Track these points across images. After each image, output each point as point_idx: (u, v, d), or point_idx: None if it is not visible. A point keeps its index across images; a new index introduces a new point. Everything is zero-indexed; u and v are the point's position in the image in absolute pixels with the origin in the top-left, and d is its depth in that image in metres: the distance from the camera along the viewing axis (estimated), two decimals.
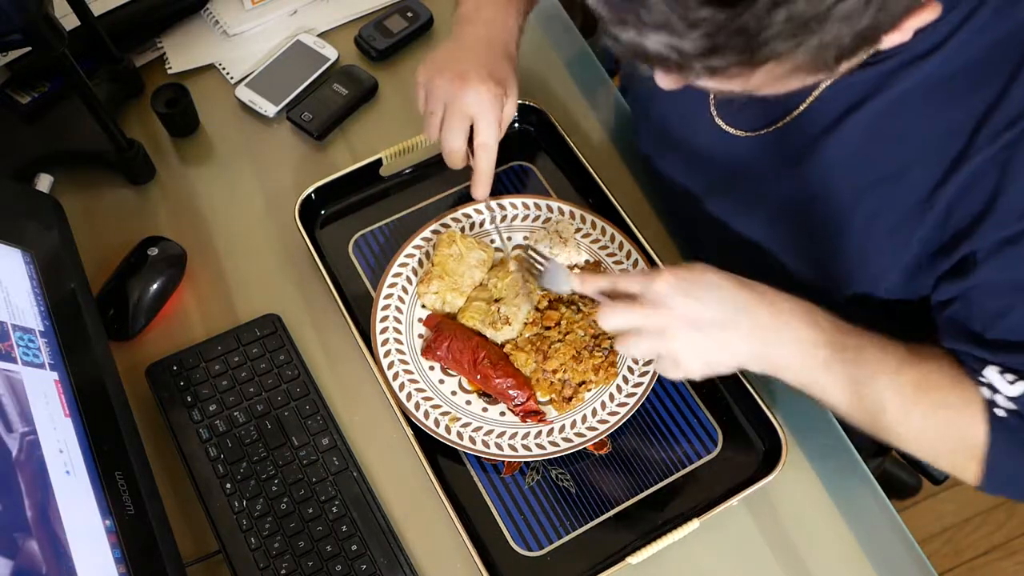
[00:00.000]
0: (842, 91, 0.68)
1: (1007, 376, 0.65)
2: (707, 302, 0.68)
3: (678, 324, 0.67)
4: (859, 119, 0.68)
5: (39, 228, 0.79)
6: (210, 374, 0.82)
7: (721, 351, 0.69)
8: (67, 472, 0.65)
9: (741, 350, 0.69)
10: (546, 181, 0.95)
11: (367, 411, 0.83)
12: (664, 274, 0.68)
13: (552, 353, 0.81)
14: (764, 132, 0.76)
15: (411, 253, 0.87)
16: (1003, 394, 0.66)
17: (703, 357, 0.68)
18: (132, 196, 0.96)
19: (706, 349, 0.68)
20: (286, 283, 0.90)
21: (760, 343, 0.68)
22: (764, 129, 0.76)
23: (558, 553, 0.76)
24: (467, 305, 0.84)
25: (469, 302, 0.84)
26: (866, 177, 0.69)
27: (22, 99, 0.97)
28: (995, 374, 0.66)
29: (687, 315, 0.67)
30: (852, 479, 0.80)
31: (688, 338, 0.68)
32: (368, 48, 1.04)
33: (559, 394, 0.80)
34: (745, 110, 0.76)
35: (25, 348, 0.68)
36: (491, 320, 0.82)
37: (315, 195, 0.91)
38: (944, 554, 1.58)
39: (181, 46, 1.05)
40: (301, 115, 0.99)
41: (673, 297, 0.67)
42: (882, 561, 0.76)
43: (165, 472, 0.79)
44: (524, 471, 0.79)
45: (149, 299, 0.86)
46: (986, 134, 0.62)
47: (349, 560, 0.74)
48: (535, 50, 1.06)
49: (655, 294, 0.68)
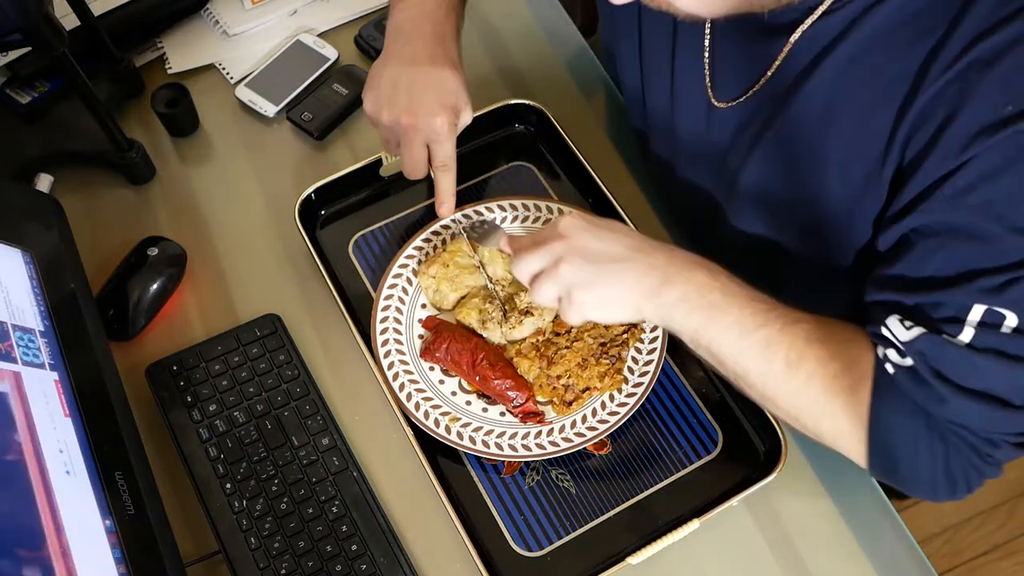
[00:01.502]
0: (810, 41, 0.68)
1: (906, 323, 0.63)
2: (604, 238, 0.71)
3: (571, 253, 0.70)
4: (826, 68, 0.67)
5: (39, 228, 0.79)
6: (210, 374, 0.82)
7: (611, 284, 0.70)
8: (67, 472, 0.65)
9: (632, 285, 0.69)
10: (546, 181, 0.95)
11: (367, 411, 0.83)
12: (570, 213, 0.73)
13: (558, 359, 0.80)
14: (744, 99, 0.75)
15: (411, 254, 0.87)
16: (898, 342, 0.62)
17: (594, 290, 0.70)
18: (132, 196, 0.96)
19: (597, 281, 0.70)
20: (286, 283, 0.90)
21: (652, 280, 0.69)
22: (743, 96, 0.75)
23: (558, 553, 0.76)
24: (465, 302, 0.84)
25: (468, 299, 0.84)
26: (838, 125, 0.68)
27: (22, 99, 0.97)
28: (895, 322, 0.63)
29: (582, 245, 0.70)
30: (852, 479, 0.80)
31: (579, 268, 0.70)
32: (368, 48, 1.04)
33: (560, 398, 0.80)
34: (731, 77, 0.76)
35: (25, 348, 0.68)
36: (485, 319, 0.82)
37: (315, 195, 0.91)
38: (944, 554, 1.58)
39: (181, 46, 1.05)
40: (301, 115, 0.99)
41: (572, 230, 0.71)
42: (882, 561, 0.76)
43: (165, 472, 0.79)
44: (524, 471, 0.79)
45: (149, 299, 0.86)
46: (933, 73, 0.61)
47: (349, 560, 0.74)
48: (535, 50, 1.06)
49: (558, 229, 0.72)
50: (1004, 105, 0.58)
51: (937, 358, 0.61)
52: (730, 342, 0.68)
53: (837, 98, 0.67)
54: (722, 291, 0.69)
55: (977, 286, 0.59)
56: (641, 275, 0.70)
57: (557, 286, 0.71)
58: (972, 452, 0.64)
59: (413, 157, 0.84)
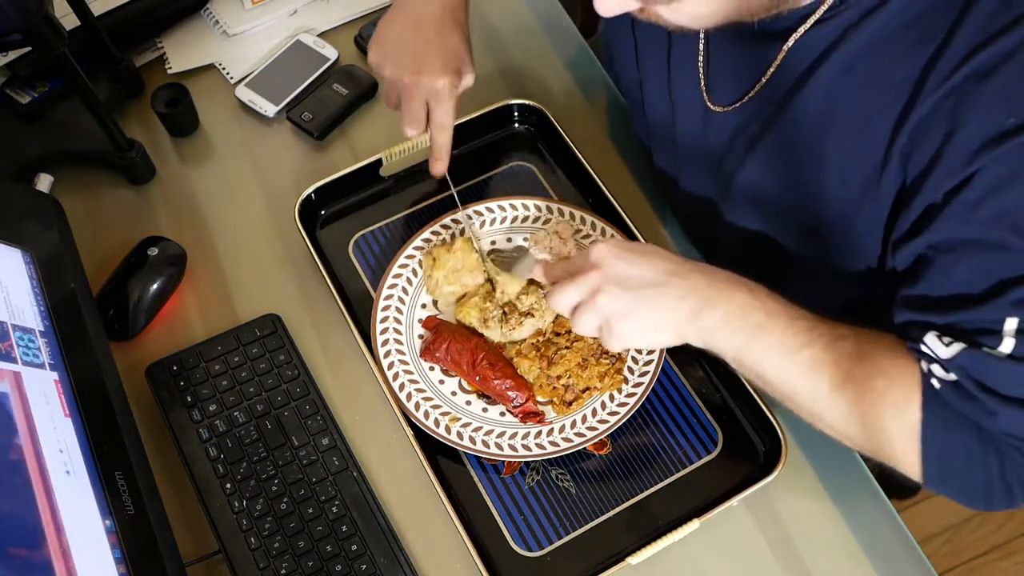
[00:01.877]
0: (806, 48, 0.68)
1: (944, 339, 0.62)
2: (640, 265, 0.70)
3: (608, 283, 0.69)
4: (822, 75, 0.67)
5: (39, 228, 0.79)
6: (210, 374, 0.82)
7: (651, 311, 0.69)
8: (67, 472, 0.65)
9: (672, 310, 0.68)
10: (545, 181, 0.95)
11: (367, 411, 0.83)
12: (602, 241, 0.71)
13: (558, 359, 0.80)
14: (741, 103, 0.75)
15: (411, 254, 0.87)
16: (940, 359, 0.63)
17: (634, 319, 0.69)
18: (132, 196, 0.96)
19: (636, 309, 0.69)
20: (286, 283, 0.90)
21: (692, 304, 0.68)
22: (739, 101, 0.75)
23: (558, 553, 0.76)
24: (465, 301, 0.84)
25: (468, 298, 0.84)
26: (835, 130, 0.68)
27: (22, 99, 0.97)
28: (934, 339, 0.63)
29: (618, 273, 0.69)
30: (852, 479, 0.80)
31: (617, 297, 0.69)
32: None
33: (560, 398, 0.80)
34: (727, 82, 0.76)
35: (25, 348, 0.68)
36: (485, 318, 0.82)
37: (315, 195, 0.91)
38: (944, 554, 1.58)
39: (181, 46, 1.05)
40: (301, 115, 0.99)
41: (606, 259, 0.70)
42: (882, 561, 0.76)
43: (165, 472, 0.79)
44: (524, 471, 0.79)
45: (149, 299, 0.86)
46: (932, 81, 0.61)
47: (349, 560, 0.74)
48: (535, 50, 1.06)
49: (591, 259, 0.71)
50: (1006, 118, 0.58)
51: (980, 372, 0.61)
52: (774, 363, 0.67)
53: (834, 104, 0.68)
54: (764, 311, 0.67)
55: (1008, 299, 0.60)
56: (679, 299, 0.68)
57: (596, 317, 0.70)
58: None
59: (412, 113, 0.83)
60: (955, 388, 0.62)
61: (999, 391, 0.61)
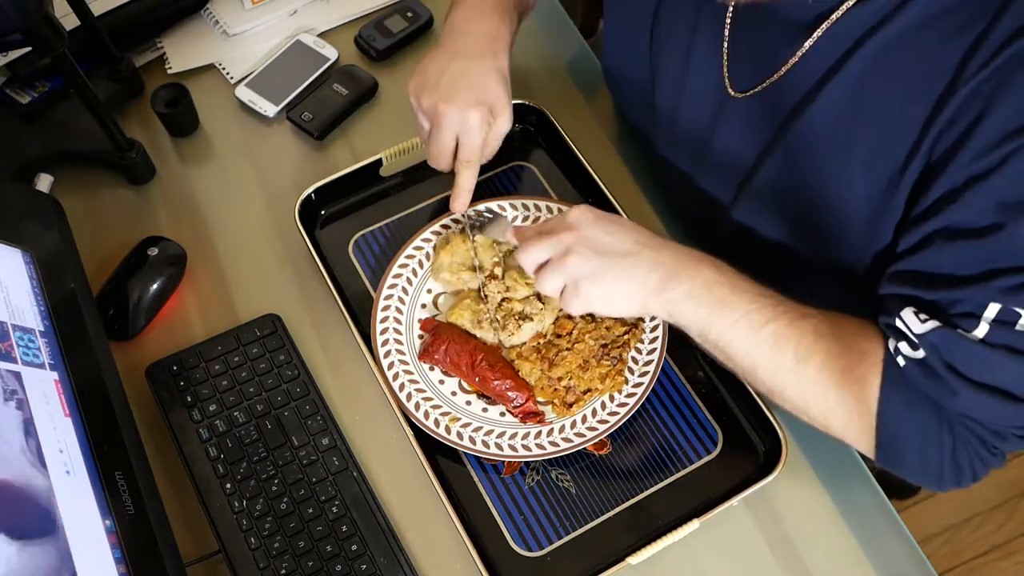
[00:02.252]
0: (837, 35, 0.67)
1: (920, 315, 0.63)
2: (614, 233, 0.72)
3: (580, 244, 0.71)
4: (854, 63, 0.67)
5: (39, 228, 0.79)
6: (210, 374, 0.82)
7: (618, 278, 0.70)
8: (67, 472, 0.65)
9: (638, 280, 0.70)
10: (546, 181, 0.95)
11: (367, 411, 0.83)
12: (579, 206, 0.73)
13: (559, 361, 0.80)
14: (760, 89, 0.75)
15: (411, 254, 0.87)
16: (912, 334, 0.63)
17: (601, 283, 0.70)
18: (132, 196, 0.96)
19: (604, 274, 0.70)
20: (286, 283, 0.90)
21: (659, 276, 0.70)
22: (759, 86, 0.75)
23: (558, 553, 0.76)
24: (458, 302, 0.84)
25: (460, 300, 0.84)
26: (866, 121, 0.68)
27: (22, 99, 0.97)
28: (910, 314, 0.64)
29: (591, 237, 0.71)
30: (852, 479, 0.80)
31: (589, 260, 0.70)
32: (368, 48, 1.04)
33: (561, 400, 0.80)
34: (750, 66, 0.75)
35: (25, 348, 0.68)
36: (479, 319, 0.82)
37: (315, 195, 0.91)
38: (944, 554, 1.58)
39: (181, 46, 1.05)
40: (301, 115, 0.99)
41: (582, 222, 0.72)
42: (882, 561, 0.76)
43: (165, 472, 0.79)
44: (524, 471, 0.79)
45: (149, 299, 0.86)
46: (971, 68, 0.61)
47: (349, 560, 0.74)
48: (535, 50, 1.06)
49: (567, 220, 0.73)
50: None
51: (951, 351, 0.62)
52: (739, 337, 0.69)
53: (864, 94, 0.67)
54: (730, 287, 0.69)
55: (996, 285, 0.60)
56: (648, 271, 0.70)
57: (563, 276, 0.72)
58: (979, 443, 0.65)
59: (440, 145, 0.84)
60: (920, 365, 0.63)
61: (965, 373, 0.62)
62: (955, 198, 0.63)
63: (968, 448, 0.65)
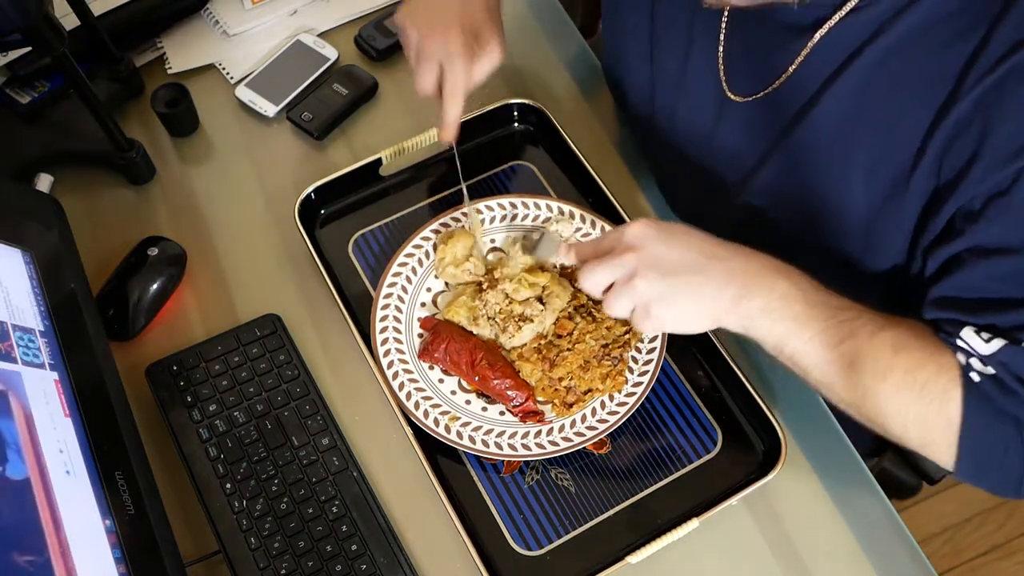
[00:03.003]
0: (836, 41, 0.67)
1: (983, 335, 0.63)
2: (677, 247, 0.68)
3: (646, 267, 0.67)
4: (854, 70, 0.67)
5: (39, 228, 0.79)
6: (210, 374, 0.82)
7: (689, 297, 0.68)
8: (67, 472, 0.65)
9: (710, 297, 0.67)
10: (546, 181, 0.95)
11: (367, 411, 0.83)
12: (638, 221, 0.69)
13: (560, 361, 0.80)
14: (762, 95, 0.75)
15: (411, 253, 0.87)
16: (979, 355, 0.63)
17: (672, 305, 0.68)
18: (132, 196, 0.96)
19: (674, 295, 0.67)
20: (286, 283, 0.90)
21: (732, 291, 0.67)
22: (761, 92, 0.75)
23: (558, 552, 0.76)
24: (454, 299, 0.84)
25: (455, 297, 0.84)
26: (866, 128, 0.68)
27: (22, 99, 0.97)
28: (971, 334, 0.63)
29: (656, 256, 0.68)
30: (852, 479, 0.80)
31: (656, 282, 0.67)
32: (368, 48, 1.04)
33: (562, 400, 0.80)
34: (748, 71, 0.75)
35: (25, 348, 0.68)
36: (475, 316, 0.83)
37: (315, 195, 0.91)
38: (944, 554, 1.58)
39: (181, 46, 1.05)
40: (301, 115, 0.99)
41: (643, 240, 0.68)
42: (882, 561, 0.76)
43: (165, 472, 0.79)
44: (524, 470, 0.79)
45: (149, 299, 0.86)
46: (972, 77, 0.60)
47: (349, 560, 0.75)
48: (535, 50, 1.06)
49: (627, 239, 0.69)
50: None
51: (1021, 367, 0.62)
52: (815, 354, 0.67)
53: (865, 101, 0.67)
54: (804, 301, 0.67)
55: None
56: (720, 286, 0.67)
57: (632, 300, 0.69)
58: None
59: (423, 74, 0.83)
60: (994, 382, 0.63)
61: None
62: (977, 217, 0.62)
63: None
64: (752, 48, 0.74)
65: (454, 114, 0.84)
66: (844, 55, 0.67)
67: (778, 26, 0.70)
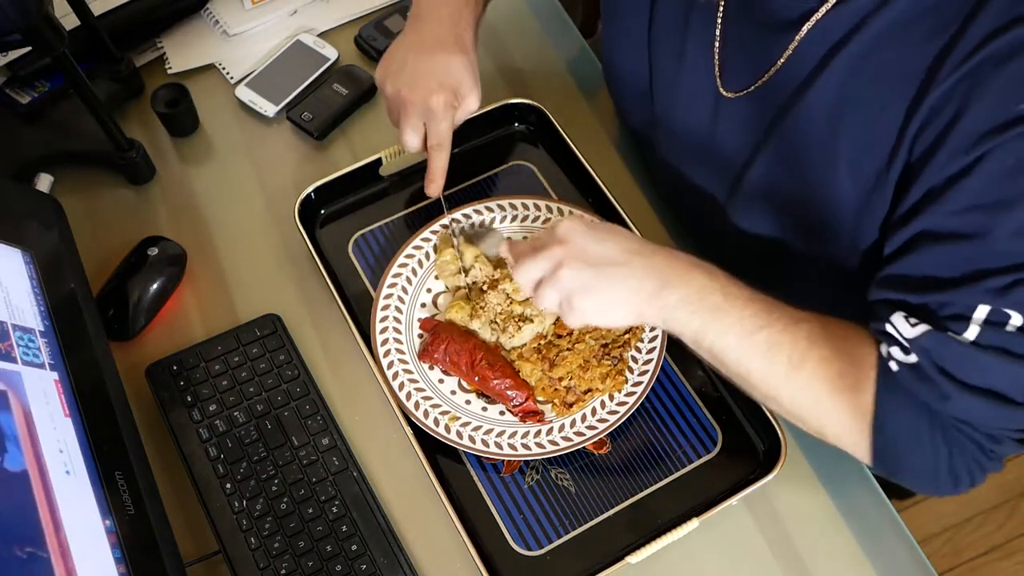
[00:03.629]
0: (821, 35, 0.68)
1: (911, 320, 0.63)
2: (604, 242, 0.71)
3: (571, 257, 0.70)
4: (839, 63, 0.67)
5: (39, 228, 0.79)
6: (210, 374, 0.82)
7: (611, 288, 0.70)
8: (67, 472, 0.65)
9: (632, 288, 0.69)
10: (546, 181, 0.95)
11: (367, 411, 0.83)
12: (569, 217, 0.73)
13: (559, 361, 0.80)
14: (753, 89, 0.75)
15: (411, 253, 0.87)
16: (903, 340, 0.63)
17: (595, 295, 0.70)
18: (132, 196, 0.96)
19: (597, 285, 0.70)
20: (286, 283, 0.90)
21: (653, 284, 0.69)
22: (752, 86, 0.75)
23: (558, 552, 0.76)
24: (454, 299, 0.84)
25: (457, 296, 0.85)
26: (849, 121, 0.68)
27: (22, 99, 0.97)
28: (900, 319, 0.64)
29: (581, 249, 0.70)
30: (852, 479, 0.80)
31: (579, 272, 0.70)
32: (368, 48, 1.04)
33: (561, 400, 0.80)
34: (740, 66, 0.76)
35: (25, 348, 0.68)
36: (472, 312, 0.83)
37: (315, 195, 0.91)
38: (944, 554, 1.58)
39: (181, 46, 1.05)
40: (301, 115, 0.99)
41: (571, 233, 0.71)
42: (882, 561, 0.76)
43: (165, 472, 0.79)
44: (524, 470, 0.79)
45: (149, 299, 0.86)
46: (948, 66, 0.61)
47: (349, 560, 0.75)
48: (535, 50, 1.06)
49: (557, 234, 0.72)
50: (1016, 103, 0.58)
51: (942, 355, 0.61)
52: (732, 343, 0.68)
53: (849, 94, 0.67)
54: (723, 293, 0.69)
55: (984, 286, 0.60)
56: (641, 279, 0.70)
57: (558, 292, 0.71)
58: (975, 447, 0.64)
59: (408, 131, 0.84)
60: (913, 370, 0.63)
61: (956, 376, 0.61)
62: (935, 199, 0.62)
63: (965, 454, 0.65)
64: (744, 44, 0.75)
65: (441, 166, 0.86)
66: (828, 47, 0.68)
67: (769, 21, 0.71)
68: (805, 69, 0.70)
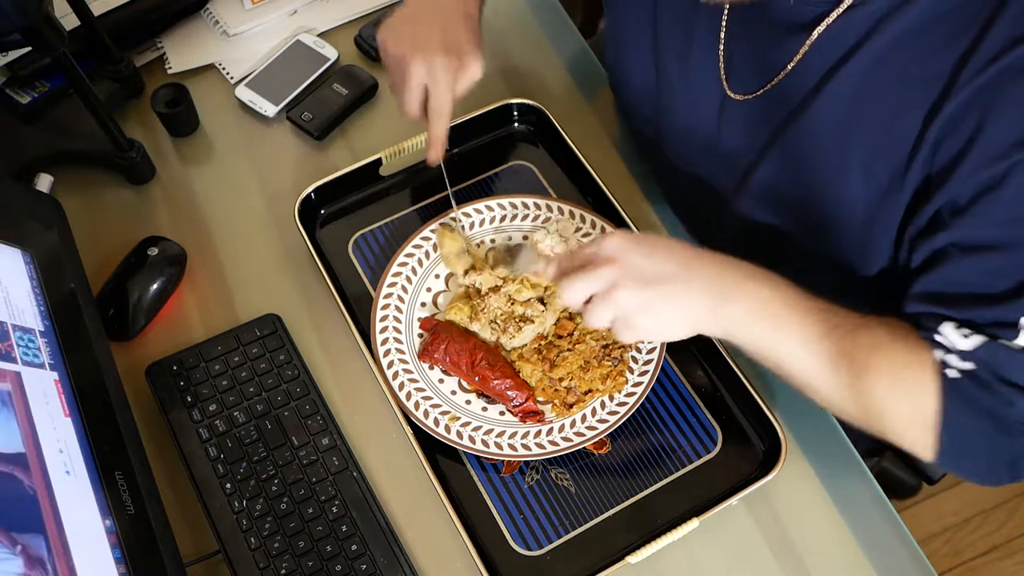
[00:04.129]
0: (834, 39, 0.68)
1: (962, 331, 0.63)
2: (656, 257, 0.69)
3: (626, 277, 0.68)
4: (852, 67, 0.67)
5: (39, 228, 0.79)
6: (210, 374, 0.82)
7: (670, 305, 0.68)
8: (67, 472, 0.65)
9: (692, 304, 0.68)
10: (546, 181, 0.95)
11: (367, 411, 0.83)
12: (614, 233, 0.70)
13: (560, 362, 0.80)
14: (761, 92, 0.75)
15: (411, 253, 0.87)
16: (957, 351, 0.64)
17: (654, 313, 0.68)
18: (132, 196, 0.96)
19: (656, 304, 0.68)
20: (286, 283, 0.90)
21: (712, 297, 0.68)
22: (760, 89, 0.75)
23: (558, 552, 0.76)
24: (455, 298, 0.84)
25: (457, 295, 0.85)
26: (862, 126, 0.68)
27: (22, 99, 0.97)
28: (951, 330, 0.64)
29: (635, 267, 0.68)
30: (852, 479, 0.80)
31: (637, 292, 0.68)
32: (368, 48, 1.04)
33: (562, 400, 0.80)
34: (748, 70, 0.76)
35: (25, 348, 0.68)
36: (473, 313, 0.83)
37: (315, 195, 0.91)
38: (944, 554, 1.58)
39: (181, 46, 1.05)
40: (301, 115, 0.99)
41: (622, 252, 0.69)
42: (882, 561, 0.76)
43: (165, 472, 0.79)
44: (524, 470, 0.79)
45: (149, 299, 0.86)
46: (967, 74, 0.61)
47: (349, 560, 0.75)
48: (535, 50, 1.06)
49: (605, 252, 0.69)
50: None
51: (1000, 364, 0.62)
52: (794, 353, 0.68)
53: (863, 98, 0.67)
54: (782, 302, 0.68)
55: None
56: (700, 293, 0.68)
57: (612, 312, 0.69)
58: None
59: (408, 95, 0.83)
60: (972, 378, 0.64)
61: (1017, 382, 0.62)
62: (964, 211, 0.63)
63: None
64: (752, 46, 0.75)
65: (441, 133, 0.85)
66: (842, 52, 0.67)
67: (777, 24, 0.70)
68: (817, 73, 0.69)
